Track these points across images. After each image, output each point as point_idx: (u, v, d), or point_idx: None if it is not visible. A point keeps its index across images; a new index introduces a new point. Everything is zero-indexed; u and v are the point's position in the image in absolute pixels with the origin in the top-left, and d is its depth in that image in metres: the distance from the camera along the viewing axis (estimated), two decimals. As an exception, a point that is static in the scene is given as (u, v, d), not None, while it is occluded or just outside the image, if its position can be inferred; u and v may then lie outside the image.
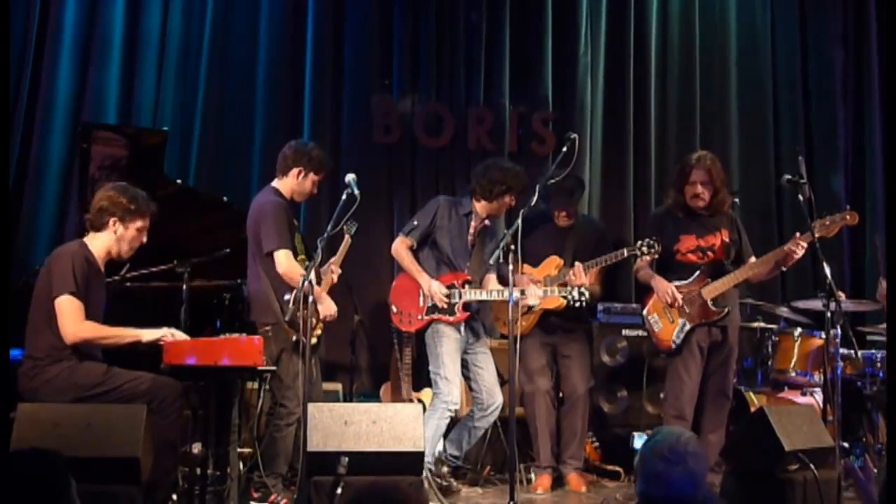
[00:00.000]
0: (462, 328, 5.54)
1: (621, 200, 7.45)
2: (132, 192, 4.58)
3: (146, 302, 5.30)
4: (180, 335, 4.47)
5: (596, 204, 7.38)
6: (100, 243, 4.54)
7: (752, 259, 5.51)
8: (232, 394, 4.69)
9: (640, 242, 5.42)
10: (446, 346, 5.47)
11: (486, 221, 5.69)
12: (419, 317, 5.54)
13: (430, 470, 5.16)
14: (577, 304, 5.36)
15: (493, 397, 5.53)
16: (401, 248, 5.61)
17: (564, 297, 5.38)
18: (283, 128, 6.91)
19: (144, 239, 4.63)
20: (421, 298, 5.54)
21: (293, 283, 4.85)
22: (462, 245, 5.62)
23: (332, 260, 5.28)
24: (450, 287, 5.49)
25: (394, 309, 5.64)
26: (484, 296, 5.53)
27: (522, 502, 5.00)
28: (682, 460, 2.66)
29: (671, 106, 7.66)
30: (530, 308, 5.62)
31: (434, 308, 5.50)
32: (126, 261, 4.77)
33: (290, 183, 5.19)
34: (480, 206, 5.62)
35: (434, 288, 5.47)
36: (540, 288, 5.47)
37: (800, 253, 5.23)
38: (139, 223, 4.57)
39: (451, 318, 5.48)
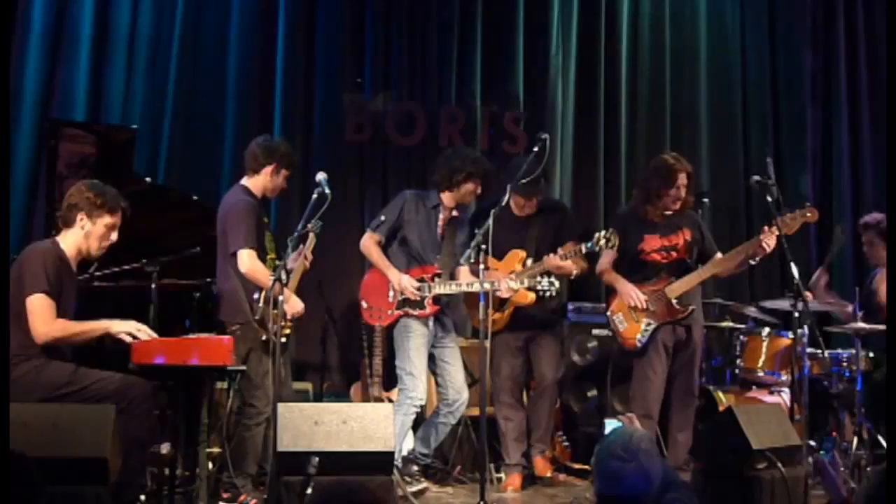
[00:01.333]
0: (430, 322, 5.54)
1: (592, 199, 7.50)
2: (100, 188, 4.51)
3: (115, 301, 5.24)
4: (147, 332, 4.42)
5: (567, 202, 7.39)
6: (70, 241, 4.47)
7: (718, 256, 5.54)
8: (201, 393, 4.67)
9: (597, 236, 5.33)
10: (413, 342, 5.47)
11: (455, 212, 5.68)
12: (389, 312, 5.54)
13: (397, 467, 5.15)
14: (547, 294, 5.37)
15: (460, 393, 5.52)
16: (369, 243, 5.60)
17: (532, 289, 5.39)
18: (254, 126, 6.82)
19: (114, 237, 4.53)
20: (391, 293, 5.53)
21: (257, 282, 4.85)
22: (431, 238, 5.61)
23: (304, 249, 5.20)
24: (419, 281, 5.49)
25: (364, 304, 5.63)
26: (454, 288, 5.51)
27: (492, 501, 5.00)
28: (634, 458, 2.74)
29: (641, 106, 7.71)
30: (503, 303, 5.61)
31: (404, 302, 5.49)
32: (94, 259, 4.71)
33: (263, 181, 5.16)
34: (446, 197, 5.62)
35: (404, 282, 5.46)
36: (513, 281, 5.41)
37: (772, 244, 5.22)
38: (107, 219, 4.48)
39: (422, 312, 5.49)
